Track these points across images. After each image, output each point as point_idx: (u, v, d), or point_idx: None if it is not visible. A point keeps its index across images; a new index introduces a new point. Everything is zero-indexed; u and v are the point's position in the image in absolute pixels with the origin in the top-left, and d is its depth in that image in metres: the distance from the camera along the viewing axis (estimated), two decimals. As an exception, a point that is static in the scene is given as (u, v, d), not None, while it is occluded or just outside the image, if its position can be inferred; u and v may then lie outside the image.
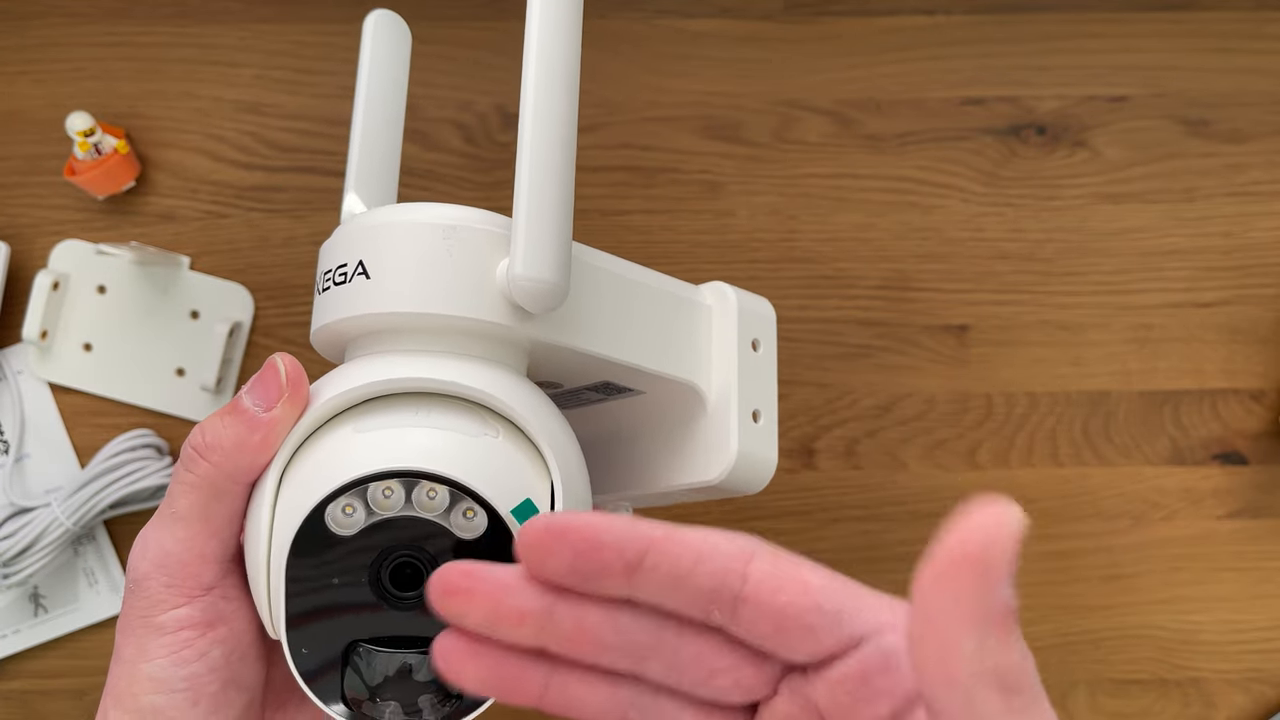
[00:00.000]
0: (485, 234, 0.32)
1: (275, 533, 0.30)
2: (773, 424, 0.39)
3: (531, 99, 0.32)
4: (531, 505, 0.30)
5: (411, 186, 0.56)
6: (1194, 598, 0.56)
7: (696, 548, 0.23)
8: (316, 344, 0.34)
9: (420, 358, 0.31)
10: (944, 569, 0.19)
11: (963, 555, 0.19)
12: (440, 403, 0.31)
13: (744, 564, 0.23)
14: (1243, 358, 0.57)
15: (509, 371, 0.32)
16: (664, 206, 0.56)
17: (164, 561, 0.30)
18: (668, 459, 0.39)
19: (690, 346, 0.38)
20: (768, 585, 0.23)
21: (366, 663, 0.29)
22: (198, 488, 0.30)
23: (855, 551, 0.55)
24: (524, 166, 0.31)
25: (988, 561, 0.19)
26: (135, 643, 0.30)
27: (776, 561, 0.23)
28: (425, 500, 0.29)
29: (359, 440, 0.30)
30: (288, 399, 0.30)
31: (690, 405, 0.38)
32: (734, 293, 0.39)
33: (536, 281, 0.31)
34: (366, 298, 0.31)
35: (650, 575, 0.23)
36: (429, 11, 0.41)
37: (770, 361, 0.39)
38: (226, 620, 0.31)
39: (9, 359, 0.56)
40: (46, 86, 0.56)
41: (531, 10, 0.33)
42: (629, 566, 0.23)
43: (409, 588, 0.29)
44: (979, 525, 0.19)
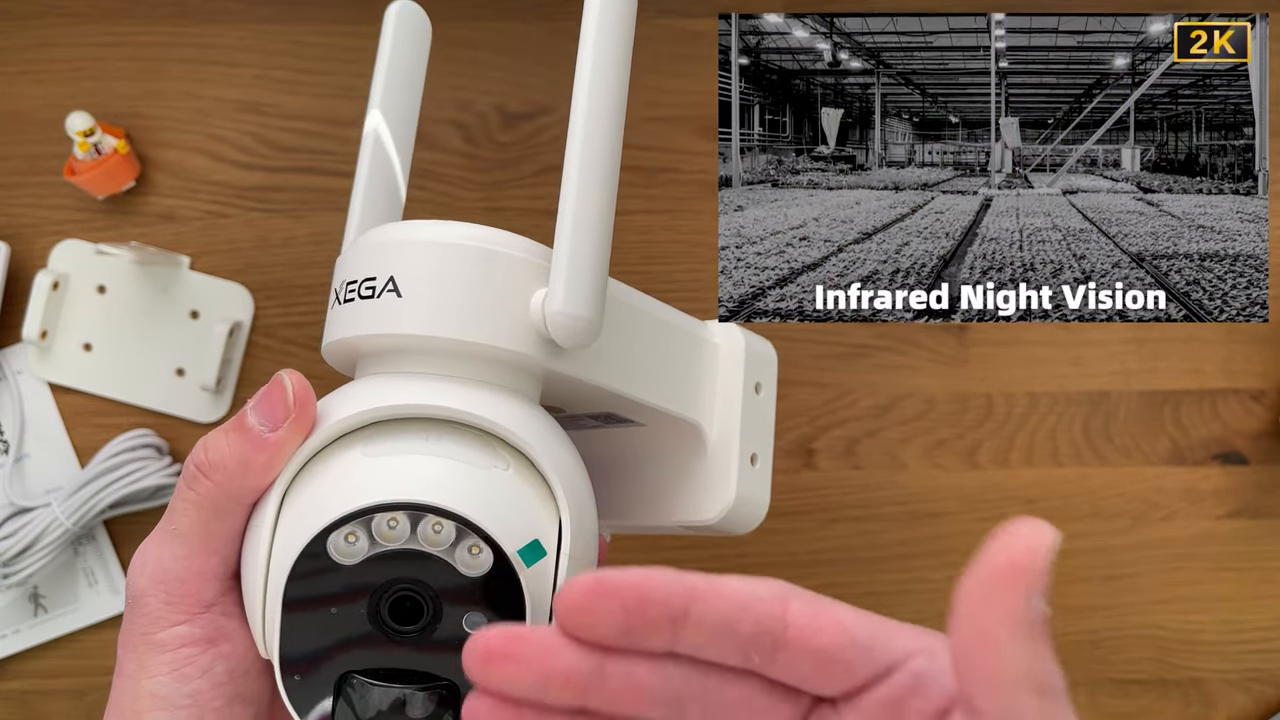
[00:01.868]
0: (522, 263, 0.31)
1: (274, 556, 0.29)
2: (768, 467, 0.39)
3: (580, 136, 0.31)
4: (539, 546, 0.29)
5: (412, 187, 0.56)
6: (1194, 598, 0.56)
7: (738, 597, 0.24)
8: (327, 354, 0.33)
9: (434, 381, 0.31)
10: (992, 580, 0.20)
11: (1009, 567, 0.20)
12: (451, 430, 0.30)
13: (783, 609, 0.24)
14: (1243, 358, 0.56)
15: (523, 400, 0.32)
16: (664, 206, 0.56)
17: (163, 578, 0.30)
18: (662, 495, 0.39)
19: (695, 385, 0.38)
20: (808, 627, 0.24)
21: (360, 695, 0.28)
22: (199, 506, 0.30)
23: (855, 551, 0.55)
24: (569, 201, 0.31)
25: (1031, 572, 0.20)
26: (136, 659, 0.30)
27: (811, 604, 0.24)
28: (431, 534, 0.28)
29: (367, 465, 0.29)
30: (294, 420, 0.29)
31: (690, 443, 0.38)
32: (742, 334, 0.39)
33: (575, 318, 0.30)
34: (395, 317, 0.31)
35: (696, 627, 0.24)
36: (429, 11, 0.41)
37: (770, 405, 0.40)
38: (229, 636, 0.30)
39: (9, 359, 0.56)
40: (46, 86, 0.56)
41: (584, 49, 0.32)
42: (675, 621, 0.23)
43: (408, 621, 0.28)
44: (1020, 540, 0.20)
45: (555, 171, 0.56)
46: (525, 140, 0.56)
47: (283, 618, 0.28)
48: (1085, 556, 0.56)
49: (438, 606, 0.28)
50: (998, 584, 0.20)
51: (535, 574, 0.29)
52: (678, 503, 0.39)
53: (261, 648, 0.30)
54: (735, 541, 0.55)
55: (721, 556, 0.55)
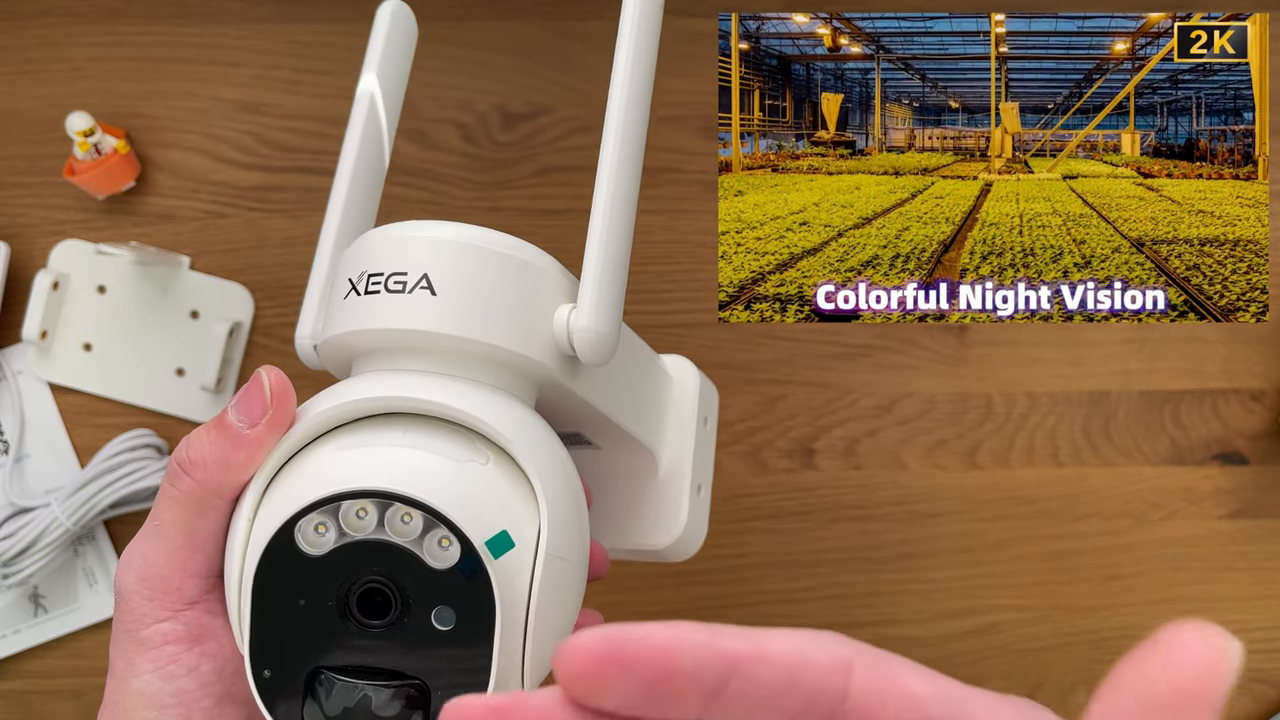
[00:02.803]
0: (549, 276, 0.32)
1: (250, 550, 0.29)
2: (708, 498, 0.41)
3: (612, 155, 0.33)
4: (507, 538, 0.28)
5: (410, 186, 0.56)
6: (1194, 598, 0.56)
7: (789, 664, 0.19)
8: (330, 346, 0.33)
9: (424, 378, 0.30)
10: (1157, 706, 0.16)
11: (1175, 693, 0.16)
12: (432, 425, 0.30)
13: (843, 679, 0.20)
14: (1243, 358, 0.56)
15: (515, 401, 0.31)
16: (664, 206, 0.56)
17: (146, 575, 0.30)
18: (611, 519, 0.40)
19: (658, 413, 0.39)
20: (873, 702, 0.20)
21: (328, 692, 0.28)
22: (181, 503, 0.30)
23: (855, 551, 0.55)
24: (598, 221, 0.32)
25: (1206, 702, 0.16)
26: (124, 657, 0.30)
27: (876, 669, 0.20)
28: (399, 524, 0.28)
29: (338, 458, 0.29)
30: (272, 417, 0.29)
31: (642, 470, 0.39)
32: (693, 367, 0.41)
33: (601, 335, 0.31)
34: (426, 314, 0.30)
35: (735, 701, 0.19)
36: (429, 11, 0.41)
37: (713, 438, 0.41)
38: (214, 635, 0.30)
39: (9, 359, 0.56)
40: (46, 86, 0.56)
41: (616, 83, 0.34)
42: (708, 694, 0.19)
43: (377, 615, 0.28)
44: (1196, 659, 0.16)
45: (554, 172, 0.56)
46: (525, 140, 0.56)
47: (252, 610, 0.28)
48: (1085, 556, 0.56)
49: (406, 600, 0.28)
50: (1166, 714, 0.16)
51: (505, 568, 0.28)
52: (628, 528, 0.39)
53: (239, 643, 0.29)
54: (735, 542, 0.55)
55: (720, 555, 0.55)
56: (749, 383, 0.56)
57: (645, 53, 0.34)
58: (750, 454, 0.56)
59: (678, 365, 0.41)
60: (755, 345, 0.56)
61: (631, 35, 0.34)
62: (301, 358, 0.36)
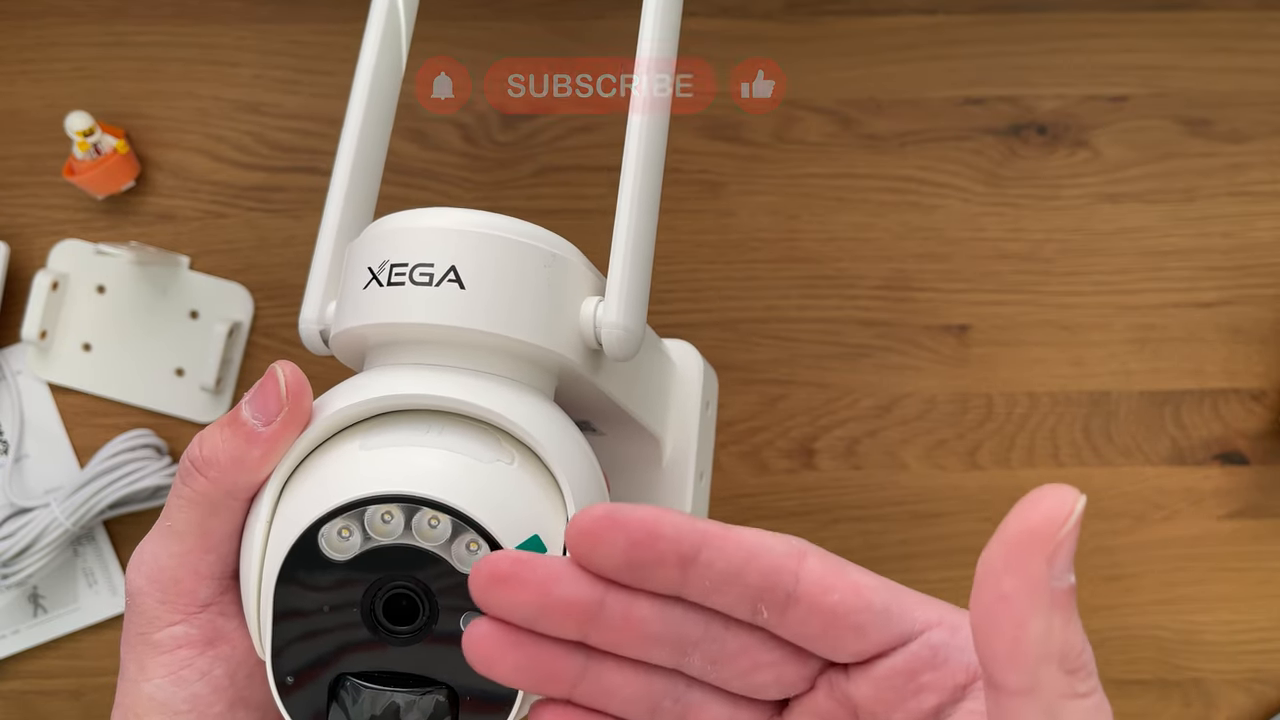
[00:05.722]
0: (576, 270, 0.31)
1: (269, 553, 0.28)
2: (708, 486, 0.40)
3: (639, 152, 0.33)
4: (539, 542, 0.28)
5: (410, 186, 0.56)
6: (1195, 598, 0.56)
7: (750, 545, 0.23)
8: (344, 339, 0.32)
9: (444, 373, 0.30)
10: (1014, 549, 0.19)
11: (1031, 534, 0.19)
12: (456, 423, 0.29)
13: (797, 563, 0.23)
14: (1243, 358, 0.56)
15: (537, 395, 0.31)
16: (664, 206, 0.56)
17: (158, 577, 0.29)
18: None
19: (660, 400, 0.38)
20: (820, 585, 0.23)
21: (353, 699, 0.27)
22: (194, 503, 0.29)
23: (855, 551, 0.55)
24: (624, 216, 0.32)
25: (1057, 540, 0.19)
26: (136, 660, 0.29)
27: (827, 562, 0.24)
28: (426, 529, 0.27)
29: (363, 458, 0.28)
30: (288, 413, 0.28)
31: (646, 457, 0.38)
32: (695, 351, 0.40)
33: (629, 331, 0.31)
34: (454, 308, 0.29)
35: (704, 571, 0.23)
36: (429, 11, 0.41)
37: (713, 424, 0.41)
38: (227, 638, 0.29)
39: (8, 359, 0.56)
40: (45, 86, 0.56)
41: (640, 79, 0.33)
42: (684, 560, 0.23)
43: (404, 620, 0.27)
44: (1045, 506, 0.19)
45: (554, 172, 0.56)
46: (525, 140, 0.56)
47: (274, 616, 0.27)
48: (1086, 557, 0.56)
49: (434, 605, 0.27)
50: (1018, 551, 0.19)
51: None
52: None
53: (258, 648, 0.29)
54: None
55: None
56: (749, 383, 0.56)
57: (668, 46, 0.34)
58: (750, 454, 0.56)
59: (680, 350, 0.40)
60: (755, 345, 0.56)
61: (654, 29, 0.33)
62: (305, 343, 0.34)
